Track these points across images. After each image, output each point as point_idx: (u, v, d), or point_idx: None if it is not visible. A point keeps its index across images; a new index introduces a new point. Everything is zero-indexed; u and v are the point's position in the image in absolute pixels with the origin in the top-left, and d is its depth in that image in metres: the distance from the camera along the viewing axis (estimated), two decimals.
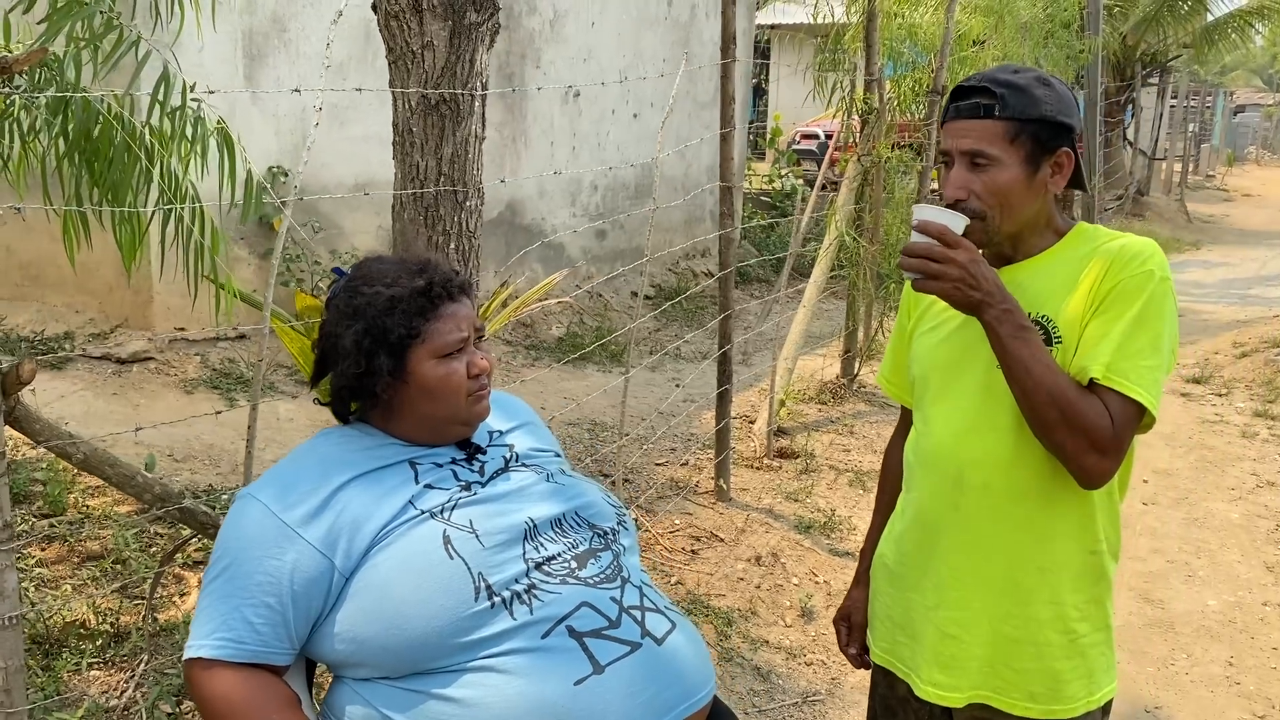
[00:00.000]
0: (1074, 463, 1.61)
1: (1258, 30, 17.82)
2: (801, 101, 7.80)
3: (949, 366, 1.79)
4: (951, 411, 1.78)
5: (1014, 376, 1.61)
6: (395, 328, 1.58)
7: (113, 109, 2.34)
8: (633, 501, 4.56)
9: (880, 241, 6.38)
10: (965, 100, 1.70)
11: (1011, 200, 1.68)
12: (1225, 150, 30.49)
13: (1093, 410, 1.59)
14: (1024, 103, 1.66)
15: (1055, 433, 1.60)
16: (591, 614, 1.48)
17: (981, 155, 1.67)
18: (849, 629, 2.09)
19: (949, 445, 1.77)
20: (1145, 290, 1.62)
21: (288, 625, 1.47)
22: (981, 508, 1.74)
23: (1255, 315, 9.65)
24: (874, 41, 6.11)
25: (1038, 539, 1.72)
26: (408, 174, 2.71)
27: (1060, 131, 1.69)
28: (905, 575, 1.87)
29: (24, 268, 5.86)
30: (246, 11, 5.69)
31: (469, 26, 2.65)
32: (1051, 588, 1.73)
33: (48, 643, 3.02)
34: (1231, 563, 4.62)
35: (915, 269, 1.61)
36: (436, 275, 1.63)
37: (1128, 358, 1.60)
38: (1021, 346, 1.59)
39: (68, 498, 3.81)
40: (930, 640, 1.81)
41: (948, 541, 1.79)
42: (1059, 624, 1.73)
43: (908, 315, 1.97)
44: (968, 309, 1.62)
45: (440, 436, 1.65)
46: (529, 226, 7.94)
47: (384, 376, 1.58)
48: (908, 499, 1.90)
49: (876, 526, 2.07)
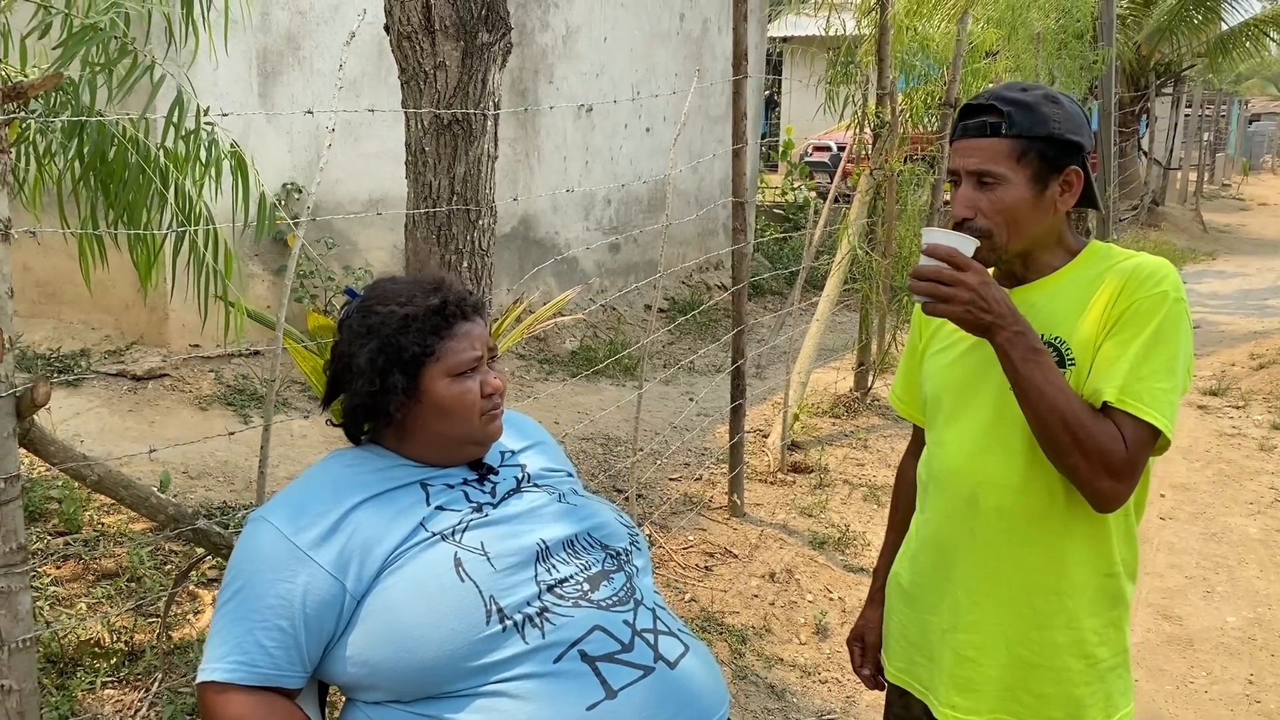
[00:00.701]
0: (1088, 487, 1.60)
1: (1272, 39, 17.74)
2: (815, 115, 7.80)
3: (961, 388, 1.78)
4: (964, 433, 1.77)
5: (1026, 399, 1.59)
6: (410, 346, 1.59)
7: (127, 132, 2.36)
8: (646, 517, 4.55)
9: (893, 255, 6.37)
10: (972, 119, 1.69)
11: (1019, 219, 1.67)
12: (1240, 159, 30.39)
13: (1106, 434, 1.57)
14: (1031, 121, 1.65)
15: (1068, 456, 1.58)
16: (604, 638, 1.47)
17: (988, 174, 1.66)
18: (863, 649, 2.08)
19: (962, 467, 1.76)
20: (1160, 311, 1.60)
21: (300, 648, 1.47)
22: (996, 530, 1.73)
23: (1273, 326, 9.57)
24: (886, 55, 6.12)
25: (1053, 562, 1.71)
26: (420, 193, 2.72)
27: (1069, 149, 1.68)
28: (921, 596, 1.85)
29: (41, 285, 5.90)
30: (261, 30, 5.73)
31: (481, 47, 2.66)
32: (1068, 612, 1.71)
33: (62, 661, 3.02)
34: (1250, 578, 4.58)
35: (925, 292, 1.60)
36: (451, 294, 1.64)
37: (1142, 380, 1.58)
38: (1034, 369, 1.58)
39: (83, 515, 3.83)
40: (948, 663, 1.79)
41: (962, 564, 1.77)
42: (1077, 649, 1.72)
43: (919, 334, 1.96)
44: (979, 332, 1.61)
45: (453, 456, 1.65)
46: (543, 241, 7.96)
47: (398, 395, 1.59)
48: (921, 519, 1.89)
49: (890, 545, 2.06)
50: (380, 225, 6.23)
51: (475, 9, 2.62)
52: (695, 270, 9.50)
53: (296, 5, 5.92)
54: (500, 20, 2.69)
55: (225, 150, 2.49)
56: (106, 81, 2.42)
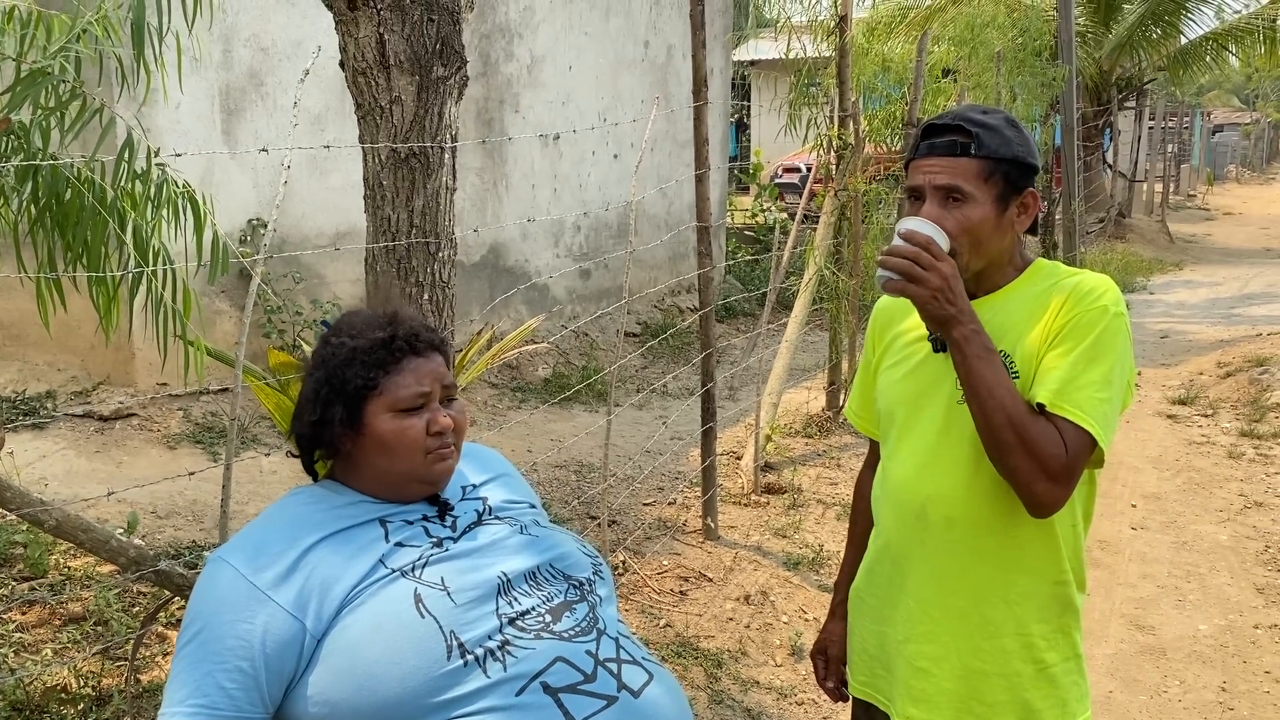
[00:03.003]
0: (1025, 489, 1.63)
1: (1232, 53, 18.02)
2: (777, 136, 7.87)
3: (912, 401, 1.82)
4: (914, 446, 1.80)
5: (976, 396, 1.63)
6: (353, 378, 1.60)
7: (81, 174, 2.36)
8: (620, 543, 4.54)
9: (860, 274, 6.41)
10: (940, 137, 1.72)
11: (981, 237, 1.71)
12: (1205, 170, 30.79)
13: (1047, 436, 1.60)
14: (997, 142, 1.70)
15: (1010, 456, 1.61)
16: (566, 669, 1.47)
17: (957, 191, 1.69)
18: (826, 662, 2.10)
19: (911, 480, 1.80)
20: (1099, 324, 1.65)
21: (260, 689, 1.46)
22: (945, 542, 1.76)
23: (1239, 334, 9.69)
24: (846, 77, 6.18)
25: (1002, 571, 1.74)
26: (379, 227, 2.73)
27: (1028, 172, 1.73)
28: (878, 609, 1.89)
29: (5, 327, 5.85)
30: (223, 67, 5.73)
31: (436, 80, 2.67)
32: (1017, 619, 1.74)
33: (28, 709, 2.98)
34: (1221, 586, 4.61)
35: (899, 270, 1.62)
36: (401, 329, 1.64)
37: (1080, 389, 1.62)
38: (986, 367, 1.62)
39: (49, 559, 3.79)
40: (902, 674, 1.82)
41: (914, 576, 1.81)
42: (1026, 653, 1.75)
43: (873, 349, 1.99)
44: (939, 322, 1.64)
45: (401, 494, 1.64)
46: (512, 269, 7.97)
47: (337, 427, 1.60)
48: (876, 532, 1.92)
49: (850, 560, 2.09)
50: (348, 258, 6.22)
51: (429, 44, 2.63)
52: (667, 294, 9.53)
53: (258, 42, 5.92)
54: (455, 54, 2.70)
55: (179, 190, 2.49)
56: (58, 125, 2.42)
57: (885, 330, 1.95)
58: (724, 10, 10.23)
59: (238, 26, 5.78)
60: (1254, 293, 12.72)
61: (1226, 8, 16.90)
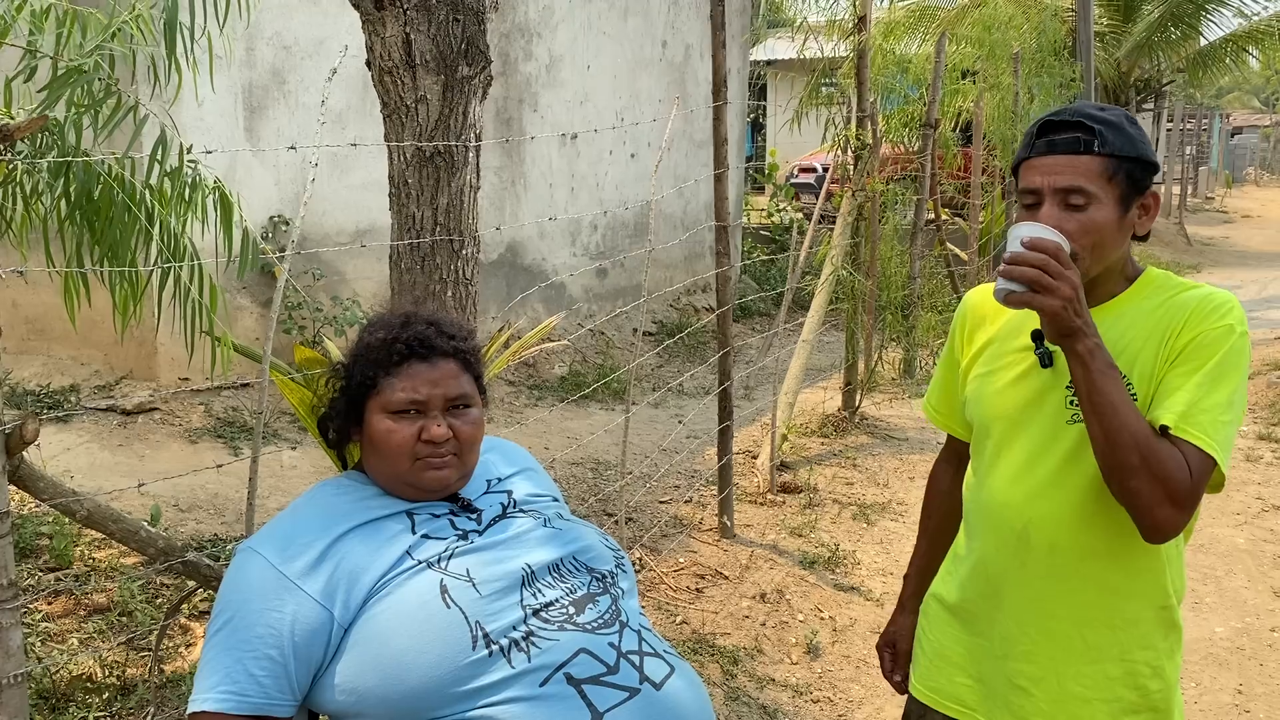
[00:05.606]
0: (1146, 514, 1.53)
1: (1252, 55, 17.91)
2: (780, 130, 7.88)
3: (1013, 417, 1.72)
4: (1015, 466, 1.71)
5: (1099, 414, 1.52)
6: (358, 374, 1.66)
7: (113, 171, 2.39)
8: (637, 540, 4.57)
9: (876, 275, 6.42)
10: (1060, 134, 1.60)
11: (1105, 241, 1.60)
12: (1224, 172, 30.62)
13: (1173, 459, 1.51)
14: (1121, 140, 1.59)
15: (1134, 478, 1.51)
16: (590, 660, 1.49)
17: (1080, 192, 1.58)
18: (894, 655, 2.05)
19: (1013, 502, 1.71)
20: (1224, 345, 1.57)
21: (289, 677, 1.49)
22: (1048, 567, 1.69)
23: (1258, 338, 9.65)
24: (865, 77, 6.19)
25: (1107, 596, 1.68)
26: (404, 224, 2.76)
27: (1150, 171, 1.63)
28: (970, 622, 1.82)
29: (30, 322, 5.92)
30: (246, 66, 5.78)
31: (461, 80, 2.70)
32: (1121, 645, 1.68)
33: (54, 697, 3.03)
34: (1238, 588, 4.60)
35: (1025, 279, 1.51)
36: (407, 332, 1.66)
37: (1205, 411, 1.54)
38: (1110, 384, 1.51)
39: (74, 551, 3.83)
40: (1001, 689, 1.76)
41: (1012, 597, 1.74)
42: (1129, 680, 1.69)
43: (961, 350, 1.88)
44: (1063, 334, 1.53)
45: (400, 493, 1.65)
46: (530, 267, 8.00)
47: (339, 420, 1.68)
48: (970, 545, 1.84)
49: (922, 553, 2.03)
50: (368, 256, 6.26)
51: (455, 43, 2.67)
52: (683, 293, 9.55)
53: (281, 40, 5.97)
54: (480, 54, 2.74)
55: (209, 187, 2.52)
56: (92, 122, 2.45)
57: (977, 332, 1.83)
58: (742, 10, 10.24)
59: (260, 25, 5.83)
60: (1273, 296, 12.66)
61: (1247, 9, 16.73)
